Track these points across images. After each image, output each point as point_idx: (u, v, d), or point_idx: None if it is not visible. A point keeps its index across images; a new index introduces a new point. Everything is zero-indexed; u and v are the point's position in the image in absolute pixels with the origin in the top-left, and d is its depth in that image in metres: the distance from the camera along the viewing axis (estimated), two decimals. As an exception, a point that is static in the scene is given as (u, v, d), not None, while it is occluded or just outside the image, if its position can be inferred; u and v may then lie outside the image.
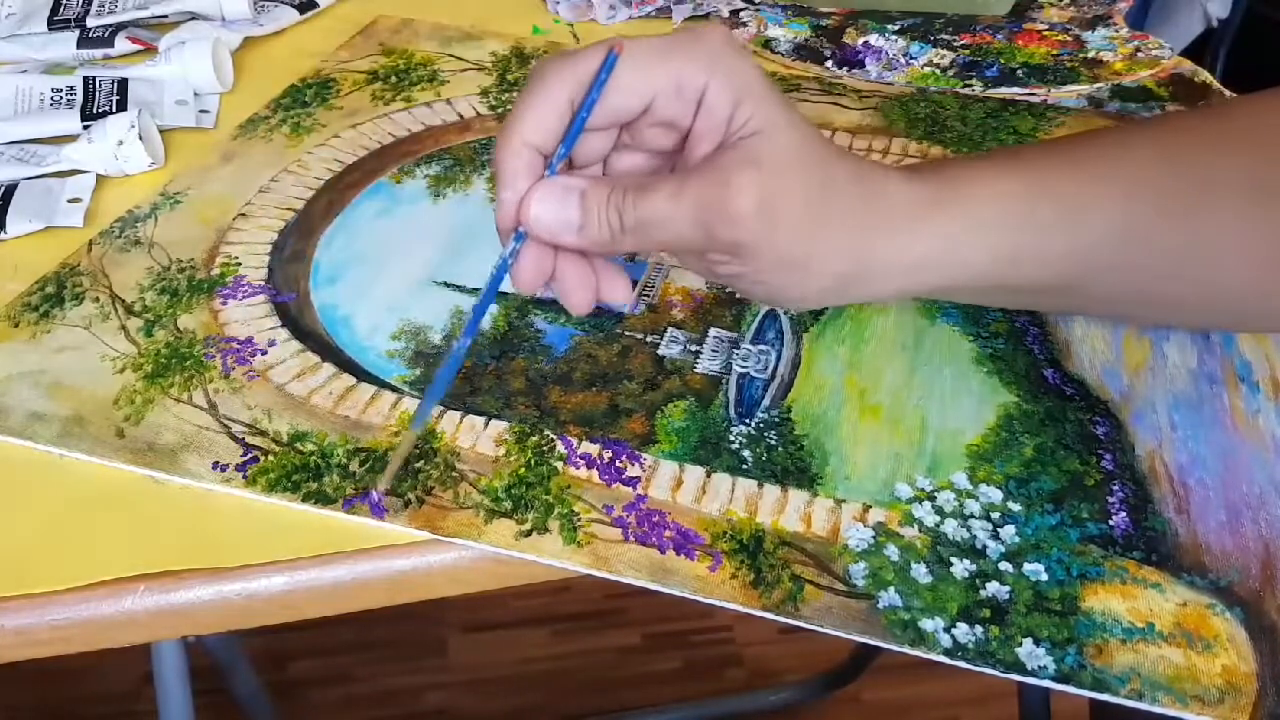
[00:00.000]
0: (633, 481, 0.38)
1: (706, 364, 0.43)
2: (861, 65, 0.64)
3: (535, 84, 0.34)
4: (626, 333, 0.45)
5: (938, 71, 0.63)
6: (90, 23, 0.63)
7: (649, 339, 0.44)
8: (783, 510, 0.37)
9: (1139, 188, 0.35)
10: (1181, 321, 0.42)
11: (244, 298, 0.46)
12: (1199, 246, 0.35)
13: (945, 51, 0.66)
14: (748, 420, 0.40)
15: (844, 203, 0.34)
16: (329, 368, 0.42)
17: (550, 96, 0.34)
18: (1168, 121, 0.39)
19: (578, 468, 0.38)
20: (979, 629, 0.33)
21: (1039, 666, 0.32)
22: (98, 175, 0.53)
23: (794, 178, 0.33)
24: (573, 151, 0.35)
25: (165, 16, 0.65)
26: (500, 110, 0.59)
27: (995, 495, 0.37)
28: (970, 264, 0.35)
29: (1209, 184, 0.35)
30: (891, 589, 0.34)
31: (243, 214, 0.51)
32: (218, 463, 0.38)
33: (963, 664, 0.32)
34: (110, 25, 0.63)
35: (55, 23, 0.62)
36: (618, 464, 0.38)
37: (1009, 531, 0.36)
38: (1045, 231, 0.35)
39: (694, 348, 0.44)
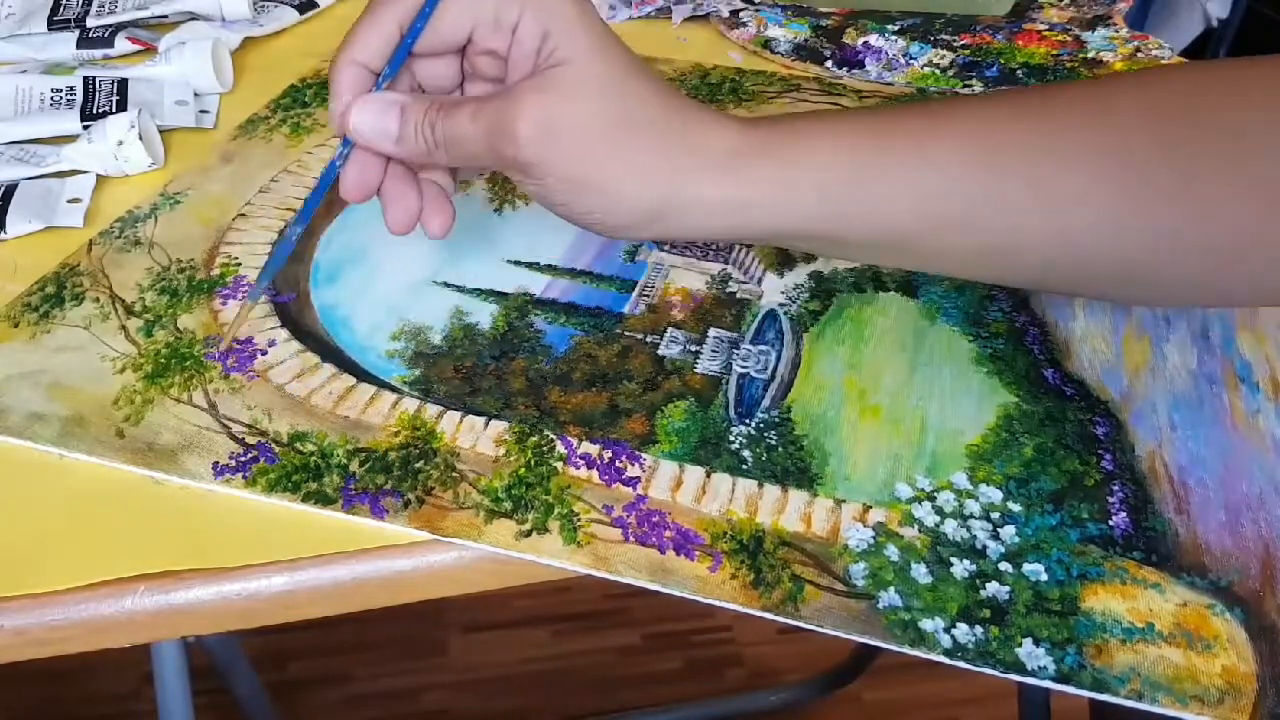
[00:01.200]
0: (633, 482, 0.38)
1: (706, 364, 0.43)
2: (861, 65, 0.64)
3: (369, 7, 0.38)
4: (626, 333, 0.45)
5: (937, 72, 0.64)
6: (90, 23, 0.63)
7: (649, 339, 0.44)
8: (783, 510, 0.37)
9: (986, 143, 0.35)
10: (1037, 287, 0.43)
11: (244, 298, 0.46)
12: (1048, 212, 0.34)
13: (945, 52, 0.66)
14: (748, 420, 0.40)
15: (655, 137, 0.35)
16: (329, 368, 0.42)
17: (379, 19, 0.37)
18: (1039, 87, 0.39)
19: (578, 468, 0.38)
20: (979, 629, 0.33)
21: (1039, 667, 0.32)
22: (98, 175, 0.53)
23: (586, 104, 0.35)
24: (423, 80, 0.39)
25: (165, 17, 0.65)
26: (500, 110, 0.59)
27: (995, 495, 0.37)
28: (790, 210, 0.35)
29: (1062, 148, 0.34)
30: (891, 589, 0.34)
31: (242, 214, 0.51)
32: (217, 463, 0.38)
33: (963, 664, 0.32)
34: (110, 25, 0.63)
35: (55, 23, 0.63)
36: (618, 464, 0.38)
37: (1009, 532, 0.36)
38: (875, 182, 0.35)
39: (694, 348, 0.44)
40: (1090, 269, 0.35)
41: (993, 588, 0.34)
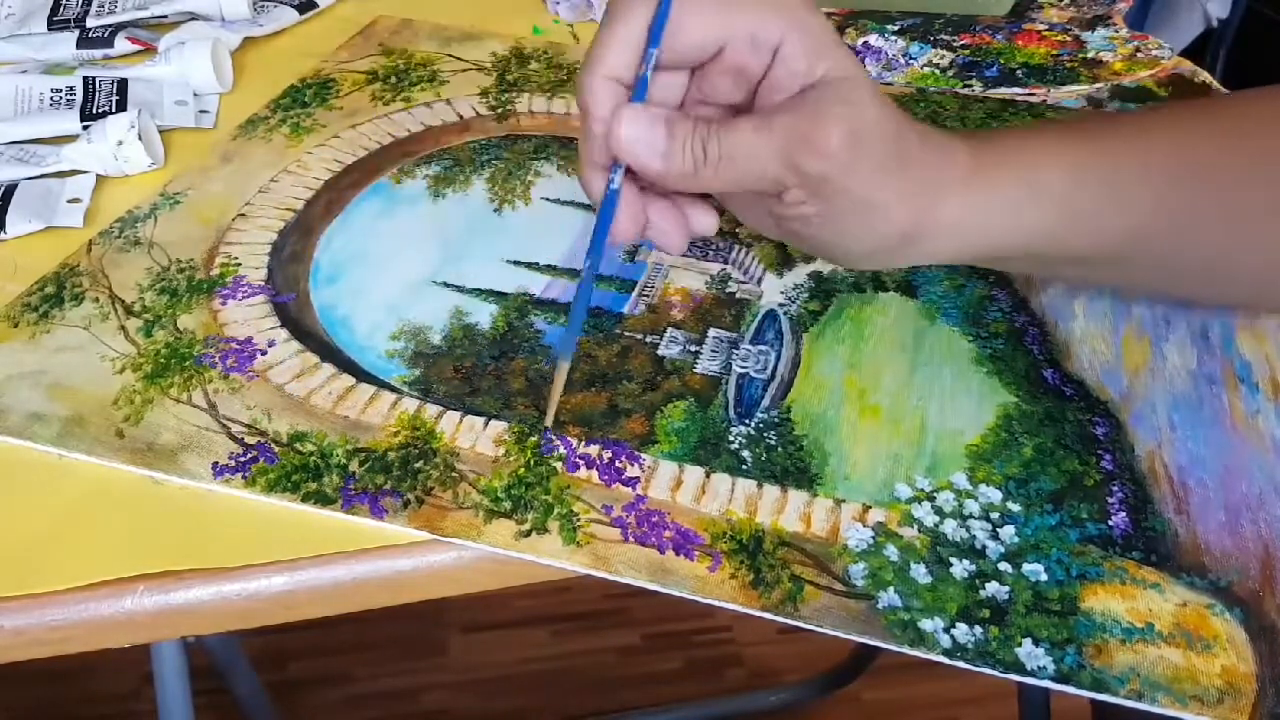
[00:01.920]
0: (632, 482, 0.38)
1: (706, 364, 0.43)
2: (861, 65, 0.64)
3: (612, 16, 0.35)
4: (626, 333, 0.45)
5: (937, 72, 0.64)
6: (90, 23, 0.63)
7: (648, 339, 0.44)
8: (782, 510, 0.37)
9: (1198, 159, 0.36)
10: (1254, 302, 0.43)
11: (243, 298, 0.46)
12: (1266, 221, 0.35)
13: (945, 52, 0.66)
14: (747, 420, 0.40)
15: (918, 156, 0.35)
16: (328, 368, 0.42)
17: (627, 28, 0.35)
18: (1231, 97, 0.39)
19: (577, 468, 0.38)
20: (978, 629, 0.33)
21: (1038, 667, 0.32)
22: (97, 175, 0.53)
23: (884, 117, 0.34)
24: (653, 93, 0.36)
25: (165, 17, 0.65)
26: (500, 110, 0.59)
27: (995, 495, 0.37)
28: (1021, 229, 0.36)
29: (1265, 158, 0.35)
30: (891, 589, 0.34)
31: (242, 214, 0.51)
32: (217, 463, 0.38)
33: (962, 664, 0.32)
34: (110, 25, 0.63)
35: (55, 23, 0.63)
36: (617, 464, 0.38)
37: (1008, 532, 0.36)
38: (1100, 199, 0.35)
39: (693, 348, 0.44)
40: (1267, 284, 0.37)
41: (992, 588, 0.34)
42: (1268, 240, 0.36)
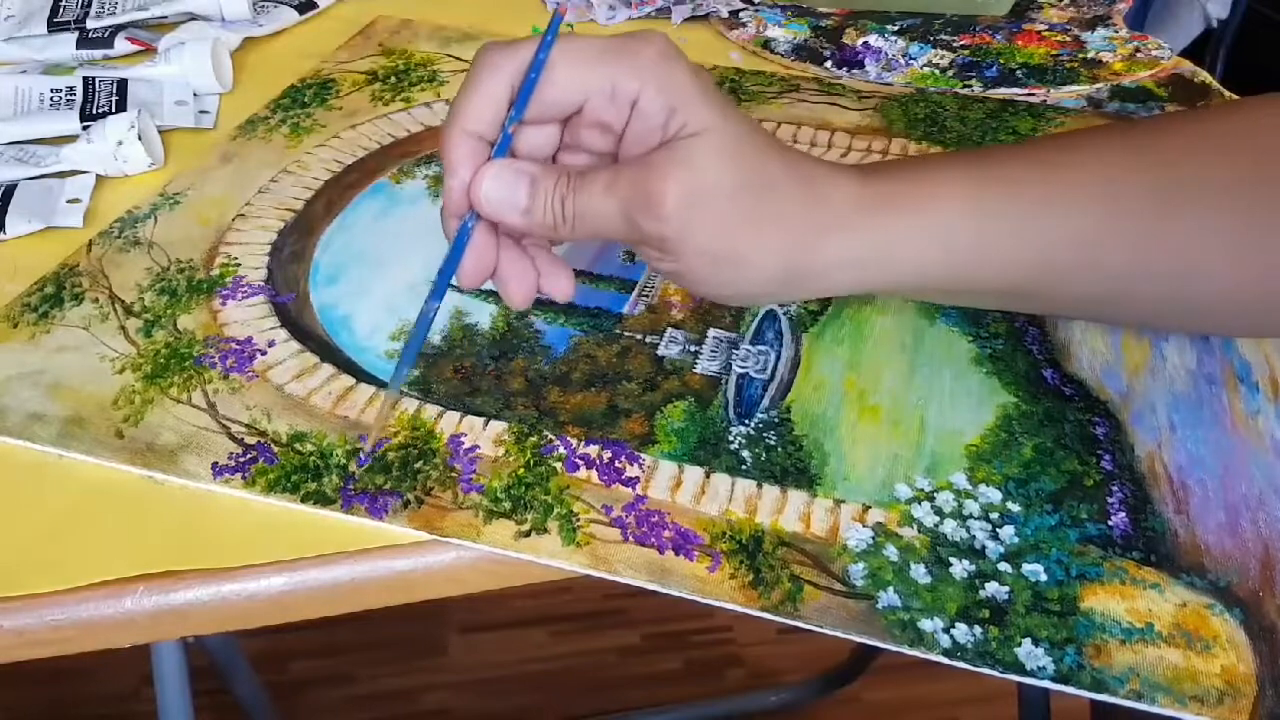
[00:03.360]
0: (632, 482, 0.38)
1: (705, 364, 0.43)
2: (861, 66, 0.64)
3: (476, 72, 0.35)
4: (626, 333, 0.45)
5: (937, 72, 0.64)
6: (90, 24, 0.63)
7: (648, 339, 0.44)
8: (782, 511, 0.37)
9: (1109, 188, 0.35)
10: (1151, 324, 0.42)
11: (243, 298, 0.46)
12: (1171, 250, 0.35)
13: (945, 52, 0.66)
14: (747, 421, 0.40)
15: (784, 202, 0.35)
16: (328, 368, 0.42)
17: (491, 83, 0.35)
18: (1145, 123, 0.38)
19: (576, 468, 0.38)
20: (978, 629, 0.33)
21: (1038, 667, 0.32)
22: (97, 175, 0.53)
23: (723, 176, 0.34)
24: (519, 149, 0.37)
25: (165, 18, 0.65)
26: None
27: (994, 496, 0.37)
28: (915, 263, 0.35)
29: (1183, 186, 0.35)
30: (890, 589, 0.34)
31: (242, 214, 0.51)
32: (217, 463, 0.38)
33: (962, 664, 0.32)
34: (110, 27, 0.63)
35: (55, 25, 0.63)
36: (617, 464, 0.38)
37: (1008, 532, 0.36)
38: (1001, 233, 0.35)
39: (693, 348, 0.44)
40: (1207, 302, 0.36)
41: (992, 588, 0.34)
42: (1172, 266, 0.35)
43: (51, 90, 0.58)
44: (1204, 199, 0.34)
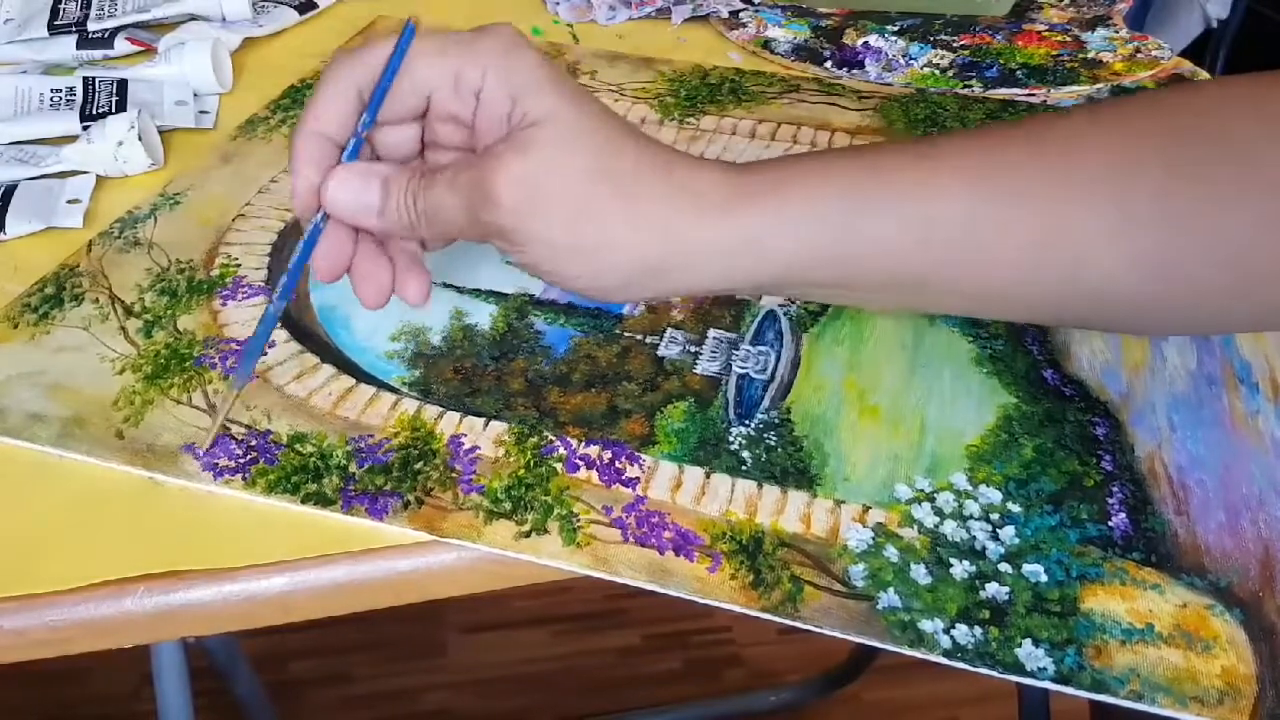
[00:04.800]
0: (632, 482, 0.38)
1: (706, 365, 0.43)
2: (861, 66, 0.64)
3: (325, 75, 0.36)
4: (626, 334, 0.45)
5: (937, 72, 0.64)
6: (91, 26, 0.63)
7: (648, 340, 0.44)
8: (782, 511, 0.37)
9: (990, 176, 0.33)
10: (1037, 318, 0.40)
11: (243, 299, 0.46)
12: (1056, 242, 0.33)
13: (945, 52, 0.66)
14: (747, 421, 0.40)
15: (641, 190, 0.33)
16: (328, 369, 0.42)
17: (339, 86, 0.35)
18: (1035, 115, 0.36)
19: (577, 469, 0.38)
20: (978, 630, 0.33)
21: (1038, 667, 0.32)
22: (97, 176, 0.53)
23: (566, 164, 0.33)
24: (381, 149, 0.37)
25: (166, 19, 0.65)
26: (500, 111, 0.59)
27: (995, 496, 0.37)
28: (789, 253, 0.34)
29: (1070, 176, 0.33)
30: (891, 590, 0.34)
31: (242, 215, 0.51)
32: (217, 463, 0.38)
33: (962, 665, 0.32)
34: (110, 29, 0.63)
35: (56, 27, 0.62)
36: (617, 465, 0.38)
37: (1008, 532, 0.36)
38: (877, 220, 0.33)
39: (693, 349, 0.44)
40: (1102, 297, 0.34)
41: (992, 588, 0.34)
42: (1064, 256, 0.33)
43: (51, 90, 0.58)
44: (1094, 186, 0.32)
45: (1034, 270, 0.34)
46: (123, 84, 0.58)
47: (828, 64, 0.65)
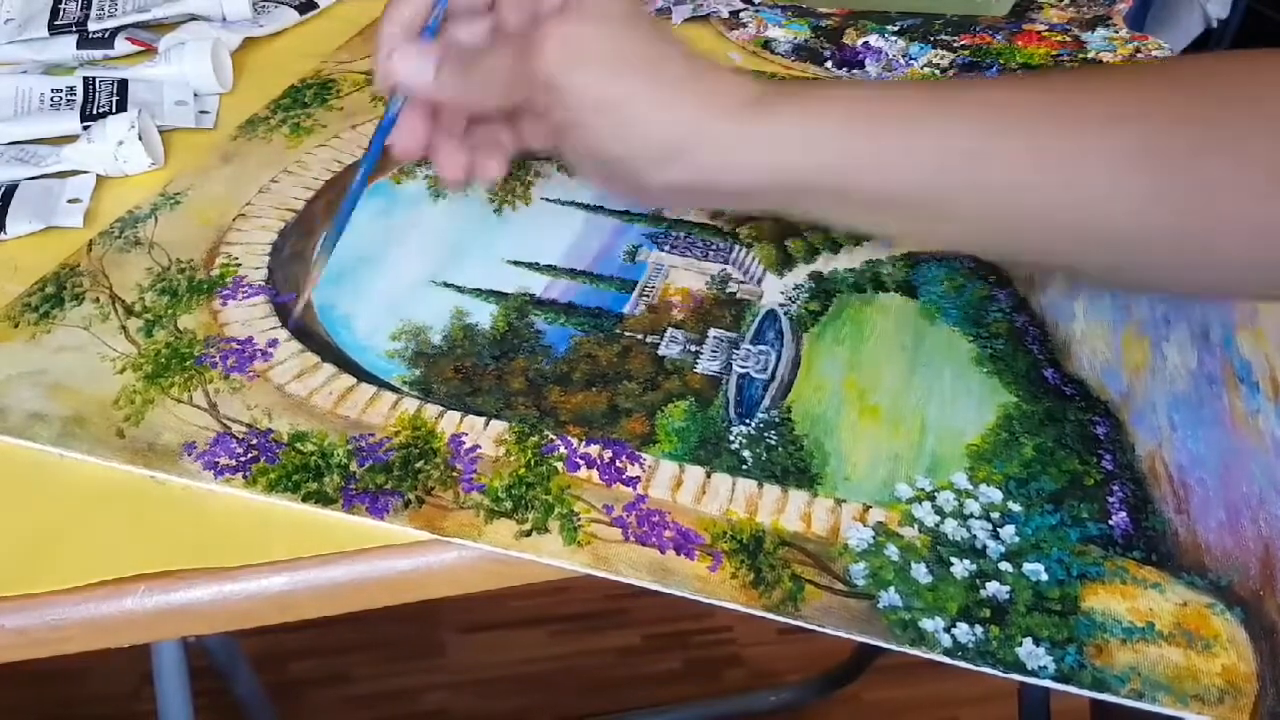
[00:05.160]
0: (633, 482, 0.38)
1: (706, 364, 0.43)
2: (861, 66, 0.64)
3: None
4: (626, 333, 0.45)
5: (937, 72, 0.63)
6: (91, 26, 0.62)
7: (649, 339, 0.44)
8: (783, 510, 0.37)
9: (1004, 111, 0.35)
10: (1048, 263, 0.42)
11: (244, 298, 0.46)
12: (1055, 170, 0.34)
13: (945, 52, 0.66)
14: (748, 420, 0.40)
15: (676, 70, 0.36)
16: (329, 368, 0.42)
17: None
18: (1062, 70, 0.39)
19: (577, 468, 0.38)
20: (979, 629, 0.33)
21: (1039, 666, 0.32)
22: (97, 175, 0.53)
23: (613, 29, 0.36)
24: (458, 40, 0.41)
25: (166, 19, 0.65)
26: (500, 110, 0.59)
27: (995, 495, 0.37)
28: (797, 163, 0.35)
29: (1084, 124, 0.34)
30: (891, 589, 0.34)
31: (242, 214, 0.51)
32: (217, 463, 0.38)
33: (963, 664, 0.32)
34: (110, 30, 0.63)
35: (56, 27, 0.62)
36: (618, 464, 0.38)
37: (1009, 531, 0.36)
38: (886, 137, 0.35)
39: (694, 348, 0.44)
40: (1084, 240, 0.35)
41: (993, 587, 0.34)
42: (1058, 191, 0.34)
43: (52, 90, 0.58)
44: (1090, 126, 0.34)
45: (1021, 201, 0.35)
46: (123, 84, 0.58)
47: (828, 64, 0.65)
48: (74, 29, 0.62)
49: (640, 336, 0.44)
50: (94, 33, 0.63)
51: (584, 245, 0.49)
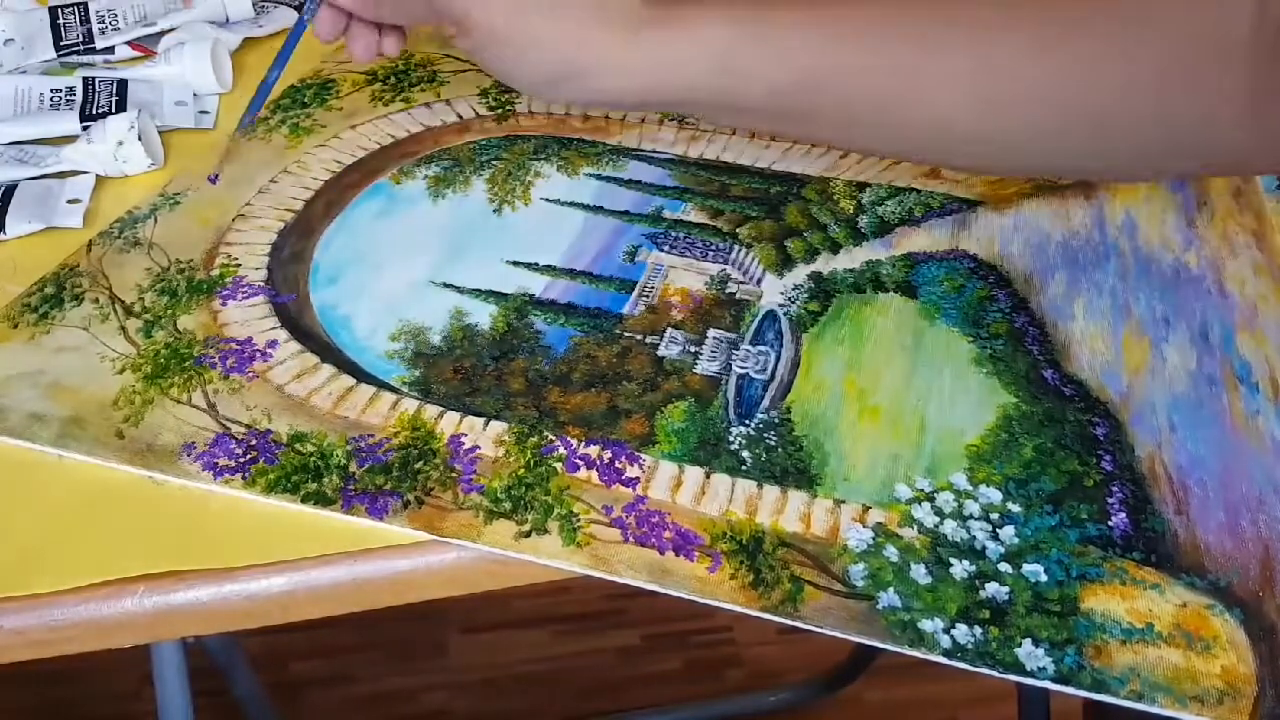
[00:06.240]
0: (632, 482, 0.38)
1: (706, 365, 0.43)
2: None
3: None
4: (626, 334, 0.45)
5: None
6: (98, 45, 0.62)
7: (648, 340, 0.44)
8: (782, 511, 0.37)
9: (858, 25, 0.38)
10: (904, 151, 0.44)
11: (243, 298, 0.46)
12: (923, 56, 0.37)
13: None
14: (747, 421, 0.40)
15: (575, 3, 0.38)
16: (328, 368, 0.42)
17: None
18: None
19: (577, 469, 0.38)
20: (978, 630, 0.33)
21: (1038, 667, 0.32)
22: (97, 176, 0.53)
23: None
24: None
25: (172, 29, 0.65)
26: (500, 111, 0.59)
27: (994, 496, 0.37)
28: (684, 78, 0.38)
29: (932, 28, 0.37)
30: (891, 590, 0.34)
31: (242, 215, 0.51)
32: (217, 463, 0.38)
33: (962, 665, 0.32)
34: (114, 44, 0.63)
35: (63, 48, 0.62)
36: (617, 465, 0.38)
37: (1008, 532, 0.36)
38: (765, 50, 0.38)
39: (693, 348, 0.44)
40: (959, 129, 0.38)
41: (992, 588, 0.34)
42: (931, 95, 0.37)
43: (51, 90, 0.58)
44: (969, 19, 0.37)
45: (902, 95, 0.38)
46: (123, 84, 0.58)
47: None
48: (80, 49, 0.62)
49: (640, 337, 0.44)
50: (100, 50, 0.62)
51: (583, 245, 0.49)
